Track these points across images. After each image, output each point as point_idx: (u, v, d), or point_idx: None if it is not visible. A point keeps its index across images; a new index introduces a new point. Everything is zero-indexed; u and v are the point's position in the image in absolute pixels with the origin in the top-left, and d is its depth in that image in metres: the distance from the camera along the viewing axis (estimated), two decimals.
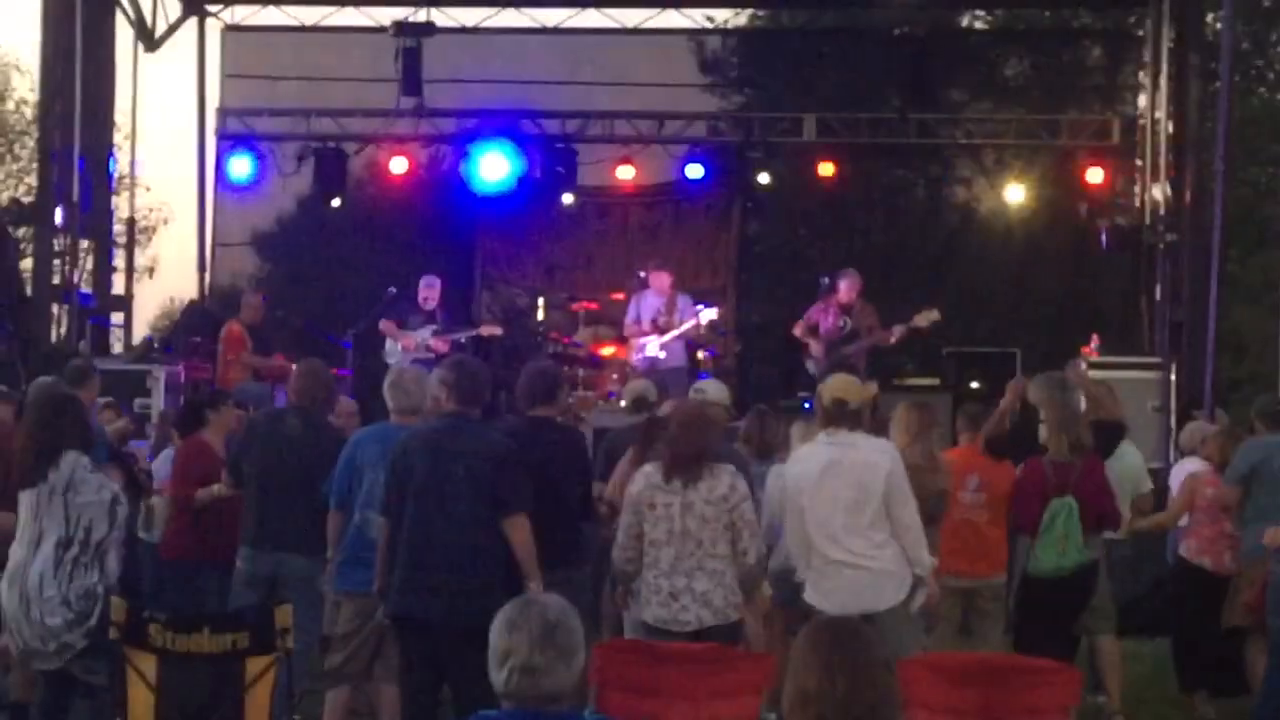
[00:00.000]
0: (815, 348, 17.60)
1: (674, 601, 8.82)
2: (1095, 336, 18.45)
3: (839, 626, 5.20)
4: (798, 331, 17.80)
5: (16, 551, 8.54)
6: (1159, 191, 20.07)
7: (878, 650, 5.11)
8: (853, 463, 9.05)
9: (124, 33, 21.46)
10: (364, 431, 10.22)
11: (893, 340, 17.49)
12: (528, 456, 8.99)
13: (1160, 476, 12.38)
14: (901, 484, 9.13)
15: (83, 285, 20.33)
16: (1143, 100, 22.22)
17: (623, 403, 12.26)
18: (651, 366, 17.62)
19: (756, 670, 7.16)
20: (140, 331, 23.63)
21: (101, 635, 7.93)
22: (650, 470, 9.04)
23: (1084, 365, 14.75)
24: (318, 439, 10.19)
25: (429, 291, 18.33)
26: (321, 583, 10.06)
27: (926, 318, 17.23)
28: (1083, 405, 11.51)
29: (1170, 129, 19.97)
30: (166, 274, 43.98)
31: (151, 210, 39.45)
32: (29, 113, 38.05)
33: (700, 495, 8.87)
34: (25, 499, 8.53)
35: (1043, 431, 10.72)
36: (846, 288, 17.62)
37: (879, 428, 10.44)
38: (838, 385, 9.32)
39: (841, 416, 9.17)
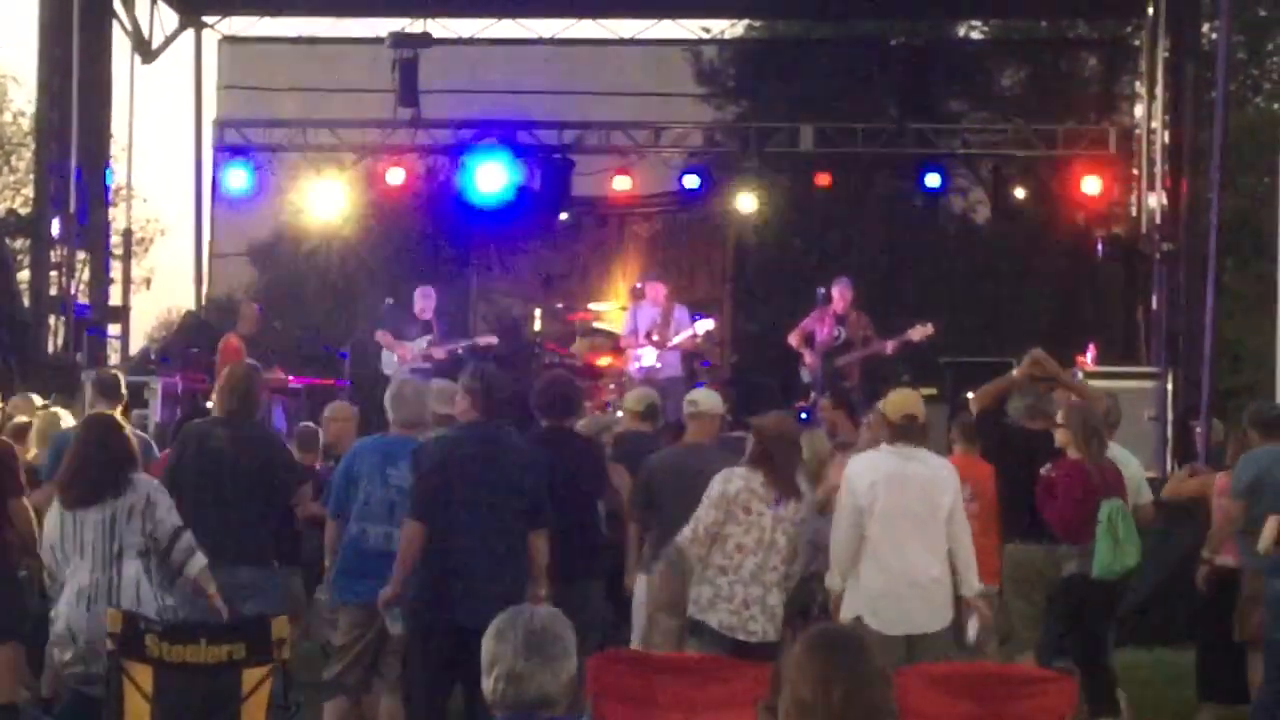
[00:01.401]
0: (810, 357, 17.63)
1: (745, 610, 8.91)
2: (1092, 346, 18.45)
3: (836, 636, 5.19)
4: (793, 341, 17.83)
5: (85, 573, 8.48)
6: (1155, 201, 20.06)
7: (875, 660, 5.10)
8: (921, 477, 9.16)
9: (121, 44, 21.47)
10: (363, 442, 10.21)
11: (887, 352, 17.52)
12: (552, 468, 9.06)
13: (1157, 487, 12.32)
14: (961, 503, 9.22)
15: (79, 297, 20.31)
16: (1139, 110, 22.24)
17: (631, 408, 12.18)
18: (648, 377, 17.60)
19: (752, 681, 7.15)
20: (137, 343, 23.64)
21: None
22: (748, 474, 9.04)
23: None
24: (248, 448, 9.98)
25: (425, 302, 18.34)
26: (321, 591, 10.07)
27: (921, 331, 17.29)
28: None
29: (1166, 138, 19.97)
30: (163, 285, 43.88)
31: (148, 221, 39.49)
32: (26, 124, 38.01)
33: (789, 512, 8.96)
34: (90, 517, 8.50)
35: (1060, 436, 10.67)
36: (839, 295, 17.66)
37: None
38: (905, 401, 9.37)
39: (911, 431, 9.24)
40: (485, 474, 8.82)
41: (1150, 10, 20.77)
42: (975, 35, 28.94)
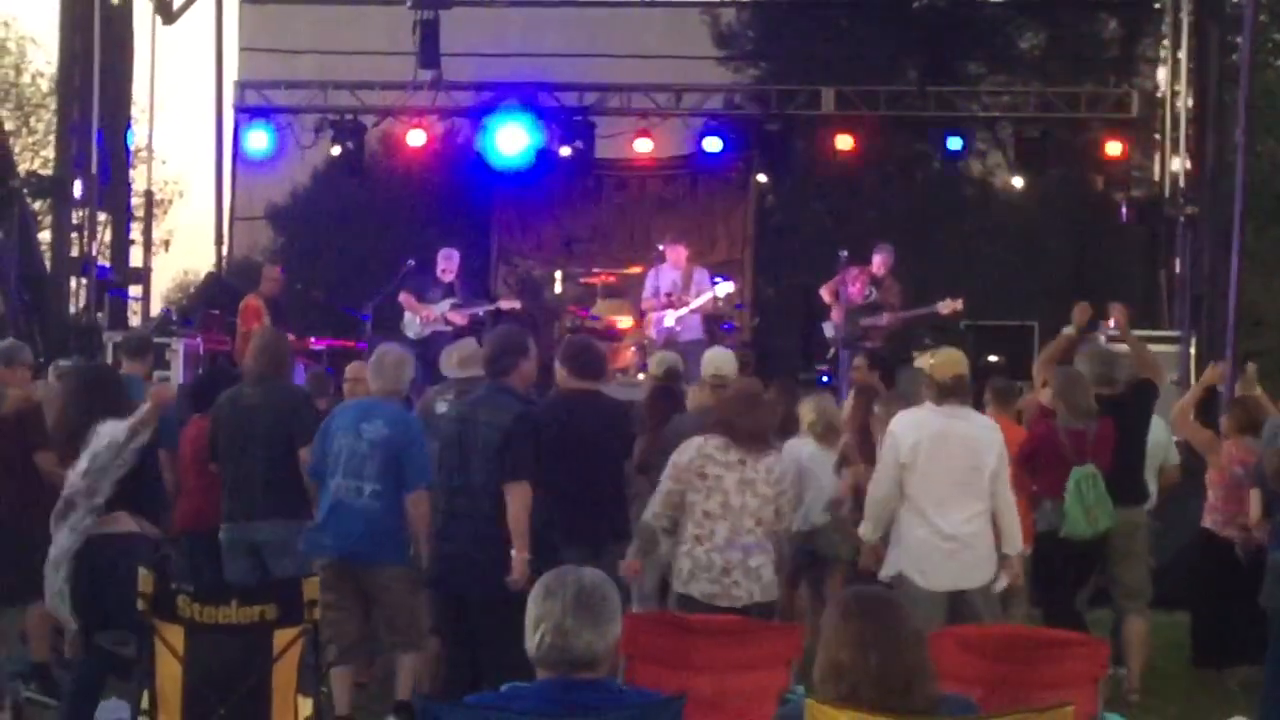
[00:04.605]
0: (836, 313, 17.71)
1: (725, 576, 8.88)
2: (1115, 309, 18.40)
3: (871, 598, 5.21)
4: (825, 294, 17.87)
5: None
6: (1178, 164, 20.01)
7: (910, 622, 5.13)
8: (965, 435, 9.22)
9: (142, 5, 21.46)
10: (343, 404, 10.23)
11: (905, 319, 17.61)
12: (566, 430, 9.03)
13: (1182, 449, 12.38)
14: (1005, 463, 9.28)
15: (100, 258, 20.33)
16: (1160, 73, 22.19)
17: (654, 373, 12.30)
18: (668, 340, 17.64)
19: (784, 642, 7.16)
20: (156, 304, 23.66)
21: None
22: (702, 441, 9.06)
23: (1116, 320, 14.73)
24: (278, 407, 10.18)
25: (447, 264, 18.32)
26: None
27: (949, 306, 17.34)
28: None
29: (1190, 101, 19.91)
30: (181, 247, 44.03)
31: (166, 184, 39.53)
32: (45, 85, 38.08)
33: (760, 475, 8.95)
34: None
35: (1043, 395, 10.78)
36: (880, 261, 17.78)
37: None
38: (954, 360, 9.40)
39: (959, 390, 9.30)
40: (468, 436, 8.87)
41: None
42: None
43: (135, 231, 22.58)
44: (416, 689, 9.50)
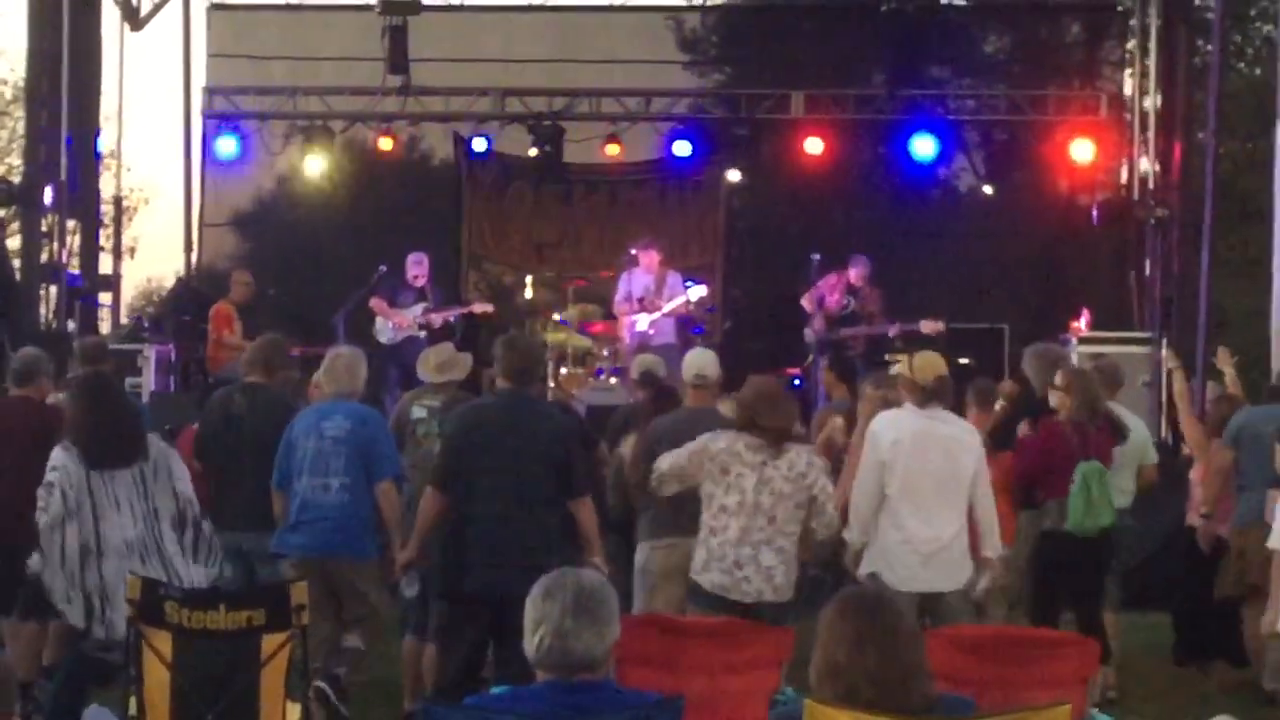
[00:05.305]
0: (817, 322, 17.69)
1: (737, 570, 8.87)
2: (1086, 312, 18.49)
3: (868, 597, 5.24)
4: (806, 304, 17.85)
5: (129, 529, 8.50)
6: (1146, 166, 20.10)
7: (907, 621, 5.16)
8: (945, 437, 9.24)
9: (109, 11, 21.38)
10: (301, 413, 10.21)
11: (890, 334, 17.53)
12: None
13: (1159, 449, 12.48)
14: (984, 465, 9.33)
15: (69, 266, 20.26)
16: (1127, 75, 22.25)
17: (635, 378, 12.30)
18: (641, 343, 17.64)
19: (775, 644, 7.18)
20: (124, 311, 23.56)
21: None
22: (734, 437, 9.03)
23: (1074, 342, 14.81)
24: (266, 415, 10.20)
25: (418, 269, 18.29)
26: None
27: (931, 326, 17.20)
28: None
29: (1159, 103, 20.00)
30: (145, 254, 43.83)
31: (133, 190, 39.40)
32: (9, 93, 37.94)
33: (780, 472, 8.94)
34: (120, 474, 8.53)
35: (1052, 398, 10.75)
36: (856, 274, 17.71)
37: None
38: (934, 363, 9.42)
39: (941, 392, 9.32)
40: (513, 445, 8.87)
41: None
42: (960, 1, 28.88)
43: (103, 238, 22.48)
44: (415, 687, 9.59)
